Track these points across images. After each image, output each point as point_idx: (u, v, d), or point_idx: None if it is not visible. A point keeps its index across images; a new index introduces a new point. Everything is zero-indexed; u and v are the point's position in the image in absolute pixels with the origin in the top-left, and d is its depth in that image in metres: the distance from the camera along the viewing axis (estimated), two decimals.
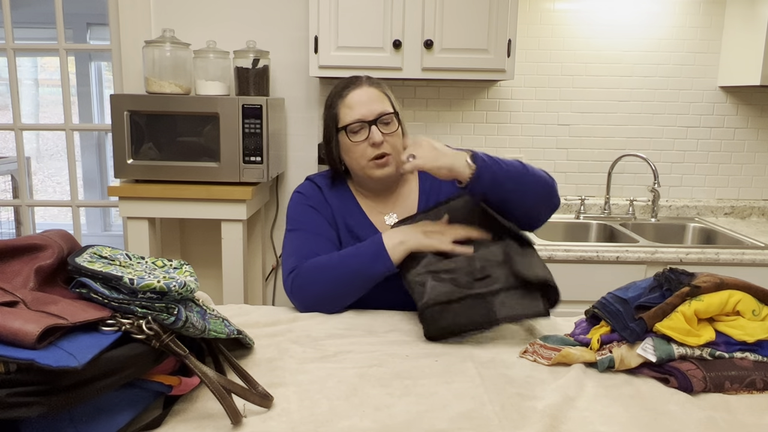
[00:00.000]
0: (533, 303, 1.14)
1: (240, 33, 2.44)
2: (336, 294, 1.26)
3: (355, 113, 1.33)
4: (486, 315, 1.12)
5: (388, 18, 2.13)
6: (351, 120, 1.33)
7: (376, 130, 1.32)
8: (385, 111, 1.34)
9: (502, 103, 2.50)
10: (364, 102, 1.33)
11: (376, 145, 1.32)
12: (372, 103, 1.34)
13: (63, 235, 0.91)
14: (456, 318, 1.12)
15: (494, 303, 1.12)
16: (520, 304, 1.13)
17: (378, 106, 1.34)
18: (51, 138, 5.87)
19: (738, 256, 1.99)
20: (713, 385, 0.94)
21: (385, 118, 1.34)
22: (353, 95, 1.35)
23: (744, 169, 2.55)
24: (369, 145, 1.33)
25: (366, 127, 1.33)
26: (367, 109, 1.33)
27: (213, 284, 2.61)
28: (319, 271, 1.26)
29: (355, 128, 1.33)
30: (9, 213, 3.97)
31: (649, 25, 2.44)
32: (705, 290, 1.00)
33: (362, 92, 1.35)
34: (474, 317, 1.12)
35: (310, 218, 1.39)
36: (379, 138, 1.32)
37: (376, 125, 1.32)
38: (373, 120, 1.33)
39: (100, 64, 5.07)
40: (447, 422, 0.84)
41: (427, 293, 1.15)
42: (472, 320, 1.12)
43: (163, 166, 2.12)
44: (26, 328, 0.68)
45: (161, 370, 0.83)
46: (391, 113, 1.35)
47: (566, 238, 2.44)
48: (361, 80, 1.38)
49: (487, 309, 1.12)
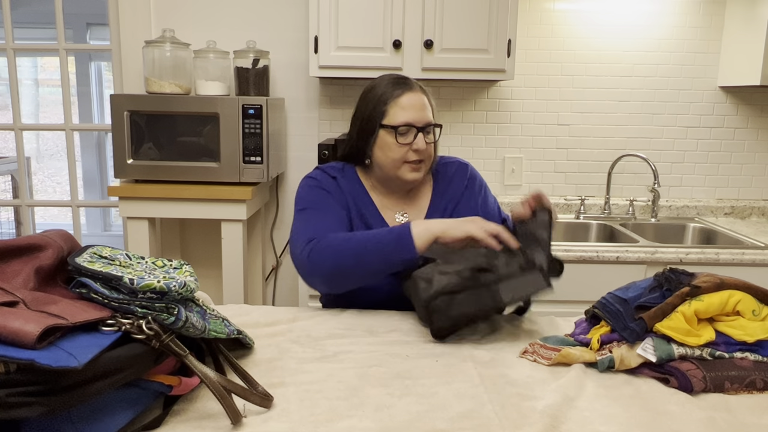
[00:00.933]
0: (535, 280, 1.16)
1: (240, 33, 2.44)
2: (353, 271, 1.25)
3: (408, 116, 1.36)
4: (492, 300, 1.14)
5: (388, 18, 2.13)
6: (402, 121, 1.35)
7: (422, 137, 1.36)
8: (432, 122, 1.39)
9: (502, 103, 2.50)
10: (417, 107, 1.37)
11: (419, 152, 1.36)
12: (423, 110, 1.38)
13: (63, 235, 0.91)
14: (463, 307, 1.13)
15: (498, 289, 1.15)
16: (523, 284, 1.16)
17: (427, 114, 1.38)
18: (51, 138, 5.87)
19: (738, 256, 1.99)
20: (713, 385, 0.94)
21: (430, 128, 1.39)
22: (407, 97, 1.37)
23: (744, 169, 2.55)
24: (411, 149, 1.36)
25: (413, 132, 1.36)
26: (419, 115, 1.36)
27: (213, 284, 2.61)
28: (342, 243, 1.26)
29: (404, 131, 1.36)
30: (9, 213, 3.97)
31: (649, 25, 2.44)
32: (705, 290, 1.00)
33: (416, 97, 1.38)
34: (481, 304, 1.14)
35: (322, 198, 1.40)
36: (424, 146, 1.36)
37: (423, 133, 1.36)
38: (422, 127, 1.36)
39: (100, 64, 5.07)
40: (447, 422, 0.84)
41: (433, 286, 1.16)
42: (480, 308, 1.14)
43: (163, 166, 2.12)
44: (26, 328, 0.68)
45: (161, 370, 0.83)
46: (436, 125, 1.40)
47: (566, 238, 2.44)
48: (413, 84, 1.41)
49: (492, 295, 1.14)
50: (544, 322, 1.25)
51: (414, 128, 1.35)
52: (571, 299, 2.03)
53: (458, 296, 1.14)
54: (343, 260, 1.24)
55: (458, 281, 1.15)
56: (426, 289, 1.17)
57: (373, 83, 1.42)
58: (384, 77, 1.42)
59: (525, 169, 2.54)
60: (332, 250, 1.25)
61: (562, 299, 2.03)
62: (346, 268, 1.24)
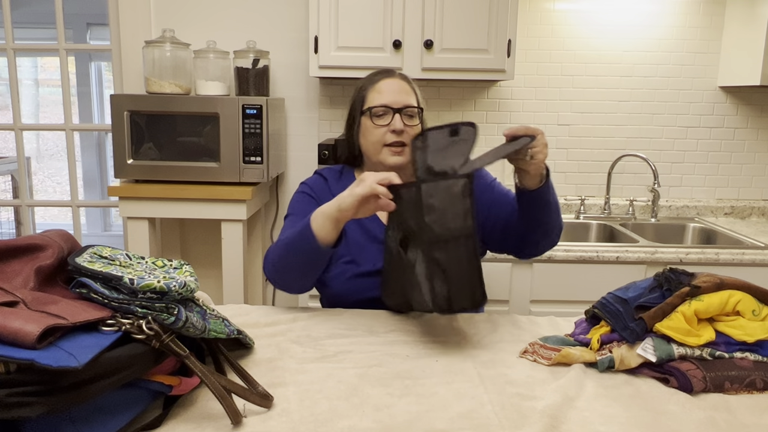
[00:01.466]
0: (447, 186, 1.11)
1: (240, 33, 2.44)
2: (285, 271, 1.27)
3: (383, 98, 1.37)
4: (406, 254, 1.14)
5: (388, 18, 2.13)
6: (377, 103, 1.37)
7: (399, 118, 1.36)
8: (412, 104, 1.39)
9: (502, 103, 2.50)
10: (393, 90, 1.38)
11: (396, 133, 1.36)
12: (401, 93, 1.38)
13: (63, 235, 0.91)
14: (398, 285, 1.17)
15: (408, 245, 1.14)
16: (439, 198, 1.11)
17: (406, 97, 1.39)
18: (51, 138, 5.87)
19: (738, 256, 1.99)
20: (713, 385, 0.94)
21: (410, 110, 1.39)
22: (385, 82, 1.40)
23: (744, 169, 2.55)
24: (389, 131, 1.36)
25: (390, 114, 1.37)
26: (395, 97, 1.37)
27: (213, 284, 2.61)
28: (275, 250, 1.29)
29: (379, 112, 1.37)
30: (9, 213, 3.97)
31: (648, 25, 2.44)
32: (705, 290, 1.00)
33: (394, 82, 1.40)
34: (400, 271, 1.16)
35: (304, 205, 1.42)
36: (401, 126, 1.36)
37: (400, 114, 1.37)
38: (398, 108, 1.37)
39: (100, 64, 5.07)
40: (447, 422, 0.84)
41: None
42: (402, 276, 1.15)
43: (163, 166, 2.12)
44: (26, 328, 0.68)
45: (161, 370, 0.83)
46: (417, 108, 1.40)
47: (566, 238, 2.44)
48: (394, 72, 1.43)
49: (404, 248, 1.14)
50: (544, 322, 1.25)
51: (390, 110, 1.36)
52: (571, 299, 2.03)
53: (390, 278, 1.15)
54: (278, 266, 1.27)
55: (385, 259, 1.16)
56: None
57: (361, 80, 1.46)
58: (372, 72, 1.45)
59: None
60: (270, 258, 1.29)
61: (562, 299, 2.04)
62: (283, 272, 1.27)
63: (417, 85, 1.45)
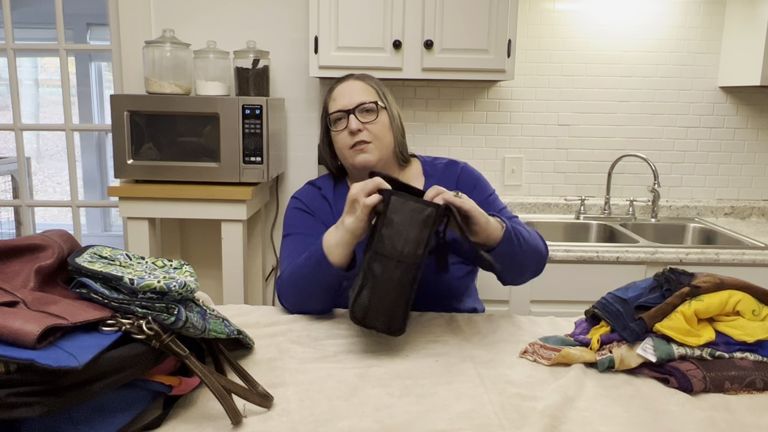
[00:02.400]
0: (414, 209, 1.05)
1: (240, 33, 2.44)
2: (307, 300, 1.25)
3: (338, 104, 1.38)
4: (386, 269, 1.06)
5: (388, 18, 2.13)
6: (333, 110, 1.38)
7: (353, 118, 1.35)
8: (365, 100, 1.37)
9: (502, 104, 2.50)
10: (346, 93, 1.38)
11: (353, 133, 1.35)
12: (354, 94, 1.38)
13: (63, 236, 0.91)
14: (375, 300, 1.06)
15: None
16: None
17: (359, 96, 1.37)
18: (51, 138, 5.87)
19: (738, 257, 1.99)
20: (713, 385, 0.94)
21: (365, 106, 1.37)
22: (339, 88, 1.40)
23: (744, 169, 2.55)
24: (348, 133, 1.36)
25: (345, 117, 1.37)
26: (348, 99, 1.37)
27: (213, 284, 2.61)
28: (290, 277, 1.26)
29: (337, 117, 1.38)
30: (9, 213, 3.97)
31: (649, 26, 2.44)
32: (705, 290, 1.00)
33: (346, 85, 1.40)
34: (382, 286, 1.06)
35: (302, 222, 1.41)
36: (355, 125, 1.35)
37: (354, 114, 1.36)
38: (351, 109, 1.36)
39: (100, 65, 5.07)
40: (447, 422, 0.84)
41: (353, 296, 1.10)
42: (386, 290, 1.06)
43: (163, 166, 2.12)
44: (26, 328, 0.68)
45: (161, 370, 0.83)
46: (372, 102, 1.37)
47: (566, 238, 2.44)
48: (349, 76, 1.43)
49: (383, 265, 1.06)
50: (544, 322, 1.25)
51: (344, 112, 1.36)
52: (571, 299, 2.03)
53: (363, 294, 1.06)
54: (295, 294, 1.25)
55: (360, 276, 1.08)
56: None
57: None
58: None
59: (525, 169, 2.54)
60: (285, 286, 1.27)
61: (562, 299, 2.04)
62: (300, 300, 1.25)
63: (377, 82, 1.43)
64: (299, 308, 1.27)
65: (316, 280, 1.21)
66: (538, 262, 1.28)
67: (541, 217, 2.49)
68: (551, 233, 2.44)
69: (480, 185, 1.45)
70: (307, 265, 1.22)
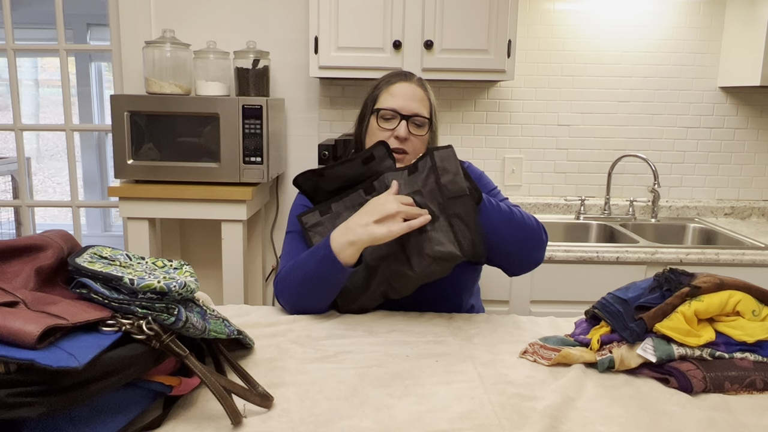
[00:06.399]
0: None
1: (240, 33, 2.44)
2: (306, 298, 1.24)
3: (394, 102, 1.35)
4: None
5: (388, 18, 2.13)
6: (387, 106, 1.35)
7: (404, 125, 1.34)
8: (422, 114, 1.36)
9: (502, 104, 2.50)
10: (406, 96, 1.36)
11: (399, 139, 1.34)
12: (413, 100, 1.36)
13: (63, 236, 0.91)
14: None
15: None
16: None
17: (417, 105, 1.36)
18: (51, 138, 5.87)
19: (738, 257, 1.99)
20: (713, 386, 0.94)
21: (419, 120, 1.36)
22: (400, 86, 1.37)
23: (744, 169, 2.55)
24: (393, 135, 1.34)
25: (397, 119, 1.35)
26: (407, 103, 1.35)
27: (213, 284, 2.61)
28: (289, 274, 1.25)
29: (387, 115, 1.35)
30: (9, 213, 3.97)
31: (649, 26, 2.45)
32: (705, 290, 1.00)
33: (409, 87, 1.37)
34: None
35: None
36: (404, 133, 1.34)
37: (407, 121, 1.34)
38: (407, 115, 1.34)
39: (100, 65, 5.07)
40: (447, 422, 0.84)
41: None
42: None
43: (163, 166, 2.12)
44: (26, 328, 0.68)
45: (161, 370, 0.83)
46: (426, 119, 1.37)
47: (566, 238, 2.44)
48: (412, 77, 1.40)
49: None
50: (544, 323, 1.25)
51: (399, 115, 1.34)
52: (571, 299, 2.03)
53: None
54: (294, 292, 1.24)
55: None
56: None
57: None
58: (391, 71, 1.43)
59: (525, 169, 2.54)
60: (285, 283, 1.26)
61: (562, 299, 2.04)
62: (299, 298, 1.24)
63: (432, 94, 1.42)
64: (297, 306, 1.26)
65: (319, 277, 1.21)
66: (530, 238, 1.27)
67: (541, 218, 2.48)
68: (551, 233, 2.44)
69: (481, 183, 1.45)
70: (311, 263, 1.22)
